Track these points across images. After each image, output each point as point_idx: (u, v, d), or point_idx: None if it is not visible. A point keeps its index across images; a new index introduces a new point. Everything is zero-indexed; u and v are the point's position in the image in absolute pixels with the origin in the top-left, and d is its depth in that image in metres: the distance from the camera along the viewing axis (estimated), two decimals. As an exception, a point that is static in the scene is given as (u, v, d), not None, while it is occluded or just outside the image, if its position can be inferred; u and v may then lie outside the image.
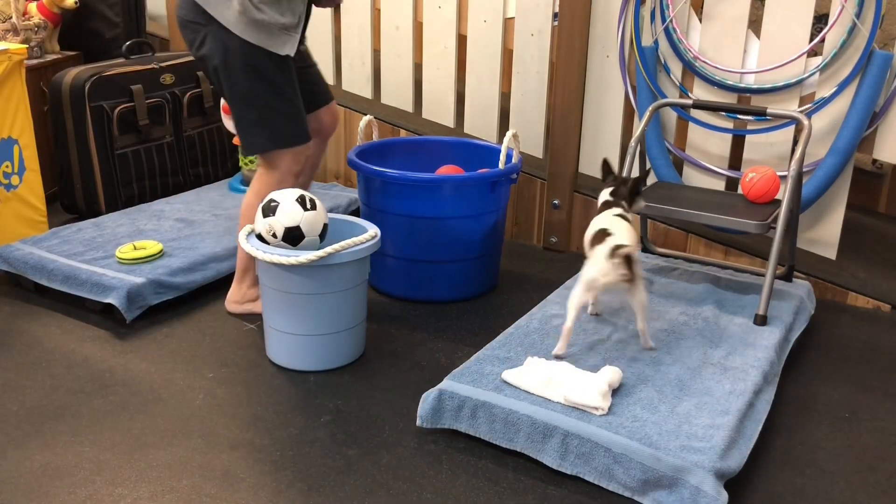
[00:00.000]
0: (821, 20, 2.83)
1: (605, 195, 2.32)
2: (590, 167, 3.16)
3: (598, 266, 2.09)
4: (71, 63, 3.58)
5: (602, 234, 2.14)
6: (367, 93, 3.57)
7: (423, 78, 3.40)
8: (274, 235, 2.23)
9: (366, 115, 2.97)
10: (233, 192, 3.44)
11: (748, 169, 2.57)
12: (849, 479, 1.88)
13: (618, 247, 2.06)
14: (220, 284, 2.78)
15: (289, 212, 2.22)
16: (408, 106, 3.48)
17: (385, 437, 1.99)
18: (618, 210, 2.24)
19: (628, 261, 2.04)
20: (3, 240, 2.86)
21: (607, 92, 3.03)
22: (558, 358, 2.11)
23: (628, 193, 2.29)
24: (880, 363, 2.41)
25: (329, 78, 3.66)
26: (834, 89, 2.64)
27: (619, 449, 1.77)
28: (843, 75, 2.63)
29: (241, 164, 3.47)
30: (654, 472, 1.73)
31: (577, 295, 2.12)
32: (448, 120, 3.42)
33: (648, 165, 2.85)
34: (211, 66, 2.33)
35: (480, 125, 3.34)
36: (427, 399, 1.98)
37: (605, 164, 2.38)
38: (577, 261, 2.99)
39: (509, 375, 2.01)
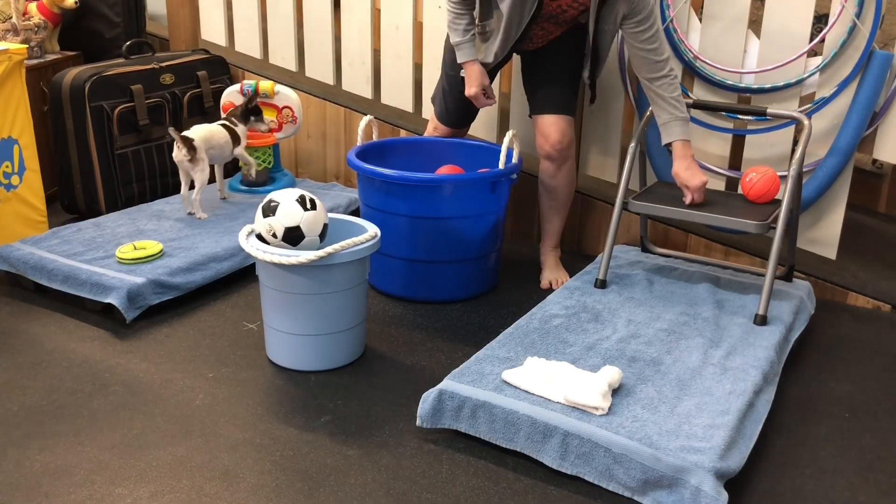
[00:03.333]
0: (821, 20, 2.83)
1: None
2: (590, 167, 3.16)
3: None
4: (71, 63, 3.58)
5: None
6: (367, 93, 3.57)
7: (423, 78, 3.39)
8: (274, 235, 2.23)
9: (366, 115, 2.98)
10: (233, 192, 3.44)
11: (748, 169, 2.57)
12: (849, 479, 1.88)
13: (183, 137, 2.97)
14: (220, 284, 2.79)
15: (289, 212, 2.22)
16: (408, 106, 3.48)
17: (385, 437, 1.99)
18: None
19: (187, 143, 2.99)
20: (3, 240, 2.86)
21: (607, 92, 3.03)
22: None
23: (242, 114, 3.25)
24: (880, 363, 2.41)
25: (329, 78, 3.66)
26: (834, 89, 2.64)
27: (619, 449, 1.77)
28: (843, 75, 2.63)
29: (241, 164, 3.47)
30: (654, 472, 1.73)
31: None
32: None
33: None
34: None
35: (480, 125, 3.34)
36: (427, 399, 1.98)
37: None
38: (577, 260, 3.01)
39: (509, 375, 2.01)
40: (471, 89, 2.71)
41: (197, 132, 3.07)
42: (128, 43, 3.55)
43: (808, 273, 2.82)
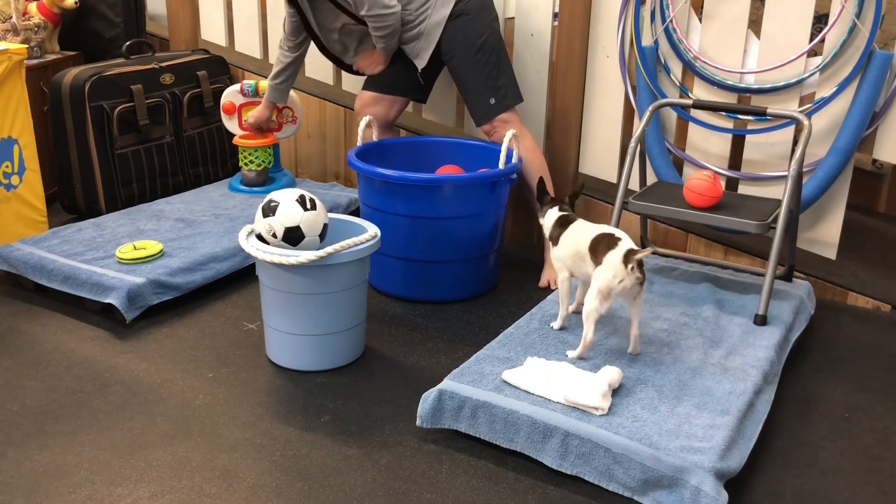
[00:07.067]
0: (821, 20, 2.83)
1: (555, 212, 2.30)
2: (590, 167, 3.16)
3: (614, 272, 2.04)
4: (71, 63, 3.58)
5: (608, 239, 2.09)
6: (367, 93, 3.56)
7: (423, 78, 3.39)
8: (274, 235, 2.23)
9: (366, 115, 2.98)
10: (233, 192, 3.44)
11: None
12: (849, 479, 1.88)
13: (631, 251, 2.03)
14: (220, 284, 2.79)
15: (289, 212, 2.22)
16: (408, 106, 3.48)
17: (385, 437, 1.99)
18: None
19: (642, 265, 2.05)
20: (3, 240, 2.86)
21: (607, 92, 3.03)
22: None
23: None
24: (880, 363, 2.41)
25: (329, 78, 3.66)
26: (834, 89, 2.64)
27: (619, 449, 1.77)
28: (843, 75, 2.62)
29: (241, 164, 3.47)
30: (654, 472, 1.73)
31: (595, 306, 2.06)
32: (448, 120, 3.41)
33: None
34: None
35: (480, 125, 3.33)
36: (427, 399, 1.98)
37: (541, 185, 2.38)
38: (577, 261, 3.00)
39: (509, 375, 2.01)
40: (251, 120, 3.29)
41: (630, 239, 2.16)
42: (128, 43, 3.55)
43: (808, 273, 2.82)
